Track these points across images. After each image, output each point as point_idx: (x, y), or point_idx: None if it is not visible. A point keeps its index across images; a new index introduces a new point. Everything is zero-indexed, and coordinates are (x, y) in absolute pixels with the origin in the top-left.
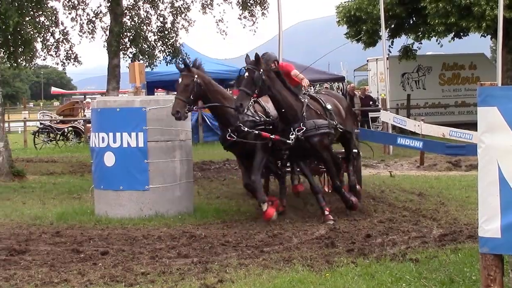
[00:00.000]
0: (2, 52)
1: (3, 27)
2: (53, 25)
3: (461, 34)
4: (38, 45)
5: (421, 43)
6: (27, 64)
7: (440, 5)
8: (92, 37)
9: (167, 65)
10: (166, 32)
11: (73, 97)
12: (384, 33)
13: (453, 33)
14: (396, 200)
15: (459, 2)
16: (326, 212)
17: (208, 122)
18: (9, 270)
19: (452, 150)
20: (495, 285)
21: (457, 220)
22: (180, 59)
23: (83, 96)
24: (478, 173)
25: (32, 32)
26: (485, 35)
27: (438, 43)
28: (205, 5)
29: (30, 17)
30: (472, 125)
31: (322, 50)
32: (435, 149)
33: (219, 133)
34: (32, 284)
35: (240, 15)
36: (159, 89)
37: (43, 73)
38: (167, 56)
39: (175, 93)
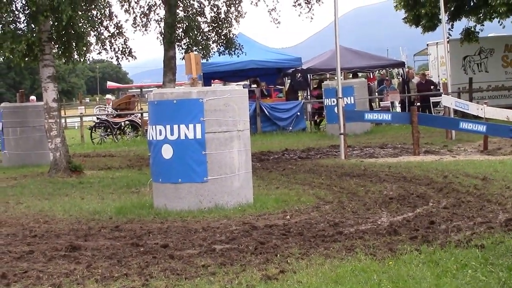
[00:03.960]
0: (56, 48)
1: (56, 22)
2: (106, 19)
3: None
4: (92, 40)
5: (482, 25)
6: (81, 59)
7: None
8: (145, 30)
9: (219, 55)
10: (220, 23)
11: (129, 91)
12: (443, 16)
13: None
14: (460, 185)
15: None
16: None
17: (266, 112)
18: (69, 265)
19: None
20: None
21: None
22: (233, 50)
23: (139, 90)
24: None
25: (85, 26)
26: None
27: (500, 24)
28: None
29: (83, 11)
30: None
31: (380, 37)
32: (499, 133)
33: (277, 123)
34: (92, 279)
35: (295, 2)
36: (216, 80)
37: (99, 68)
38: (220, 46)
39: (233, 83)
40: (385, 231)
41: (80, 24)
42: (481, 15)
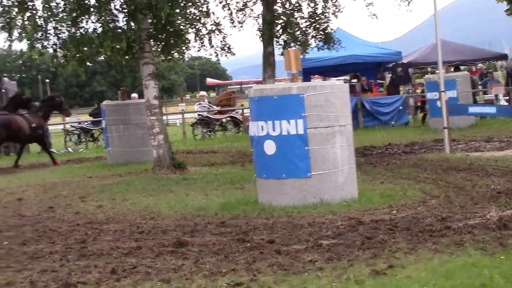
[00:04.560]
0: (156, 46)
1: (155, 20)
2: (204, 16)
3: None
4: (191, 37)
5: None
6: (180, 56)
7: None
8: (241, 27)
9: (318, 50)
10: (317, 18)
11: (229, 87)
12: None
13: None
14: None
15: None
16: None
17: (367, 107)
18: (176, 261)
19: None
20: None
21: None
22: (332, 45)
23: (239, 86)
24: None
25: (183, 24)
26: None
27: None
28: None
29: (180, 9)
30: None
31: (480, 29)
32: None
33: (379, 118)
34: (200, 274)
35: None
36: (316, 75)
37: (197, 65)
38: (318, 42)
39: (333, 78)
40: (494, 225)
41: (179, 22)
42: None
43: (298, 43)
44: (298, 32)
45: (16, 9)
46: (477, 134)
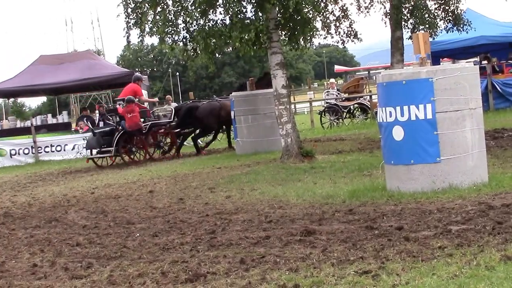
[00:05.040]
0: (283, 35)
1: (283, 9)
2: (331, 3)
3: None
4: (318, 24)
5: None
6: (306, 45)
7: None
8: (367, 12)
9: (447, 32)
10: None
11: (356, 73)
12: None
13: None
14: None
15: None
16: None
17: (498, 89)
18: (304, 249)
19: None
20: None
21: None
22: (462, 26)
23: (367, 72)
24: None
25: (311, 12)
26: None
27: None
28: None
29: None
30: None
31: None
32: None
33: (510, 100)
34: (328, 263)
35: None
36: (445, 58)
37: (325, 52)
38: (448, 24)
39: (462, 61)
40: None
41: (306, 10)
42: None
43: (426, 25)
44: (426, 15)
45: (147, 5)
46: None
